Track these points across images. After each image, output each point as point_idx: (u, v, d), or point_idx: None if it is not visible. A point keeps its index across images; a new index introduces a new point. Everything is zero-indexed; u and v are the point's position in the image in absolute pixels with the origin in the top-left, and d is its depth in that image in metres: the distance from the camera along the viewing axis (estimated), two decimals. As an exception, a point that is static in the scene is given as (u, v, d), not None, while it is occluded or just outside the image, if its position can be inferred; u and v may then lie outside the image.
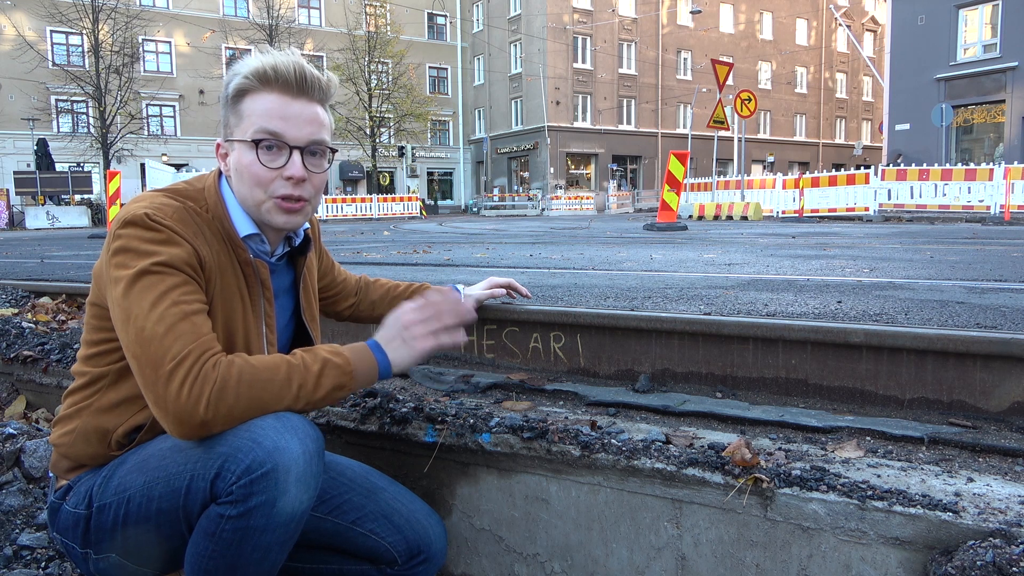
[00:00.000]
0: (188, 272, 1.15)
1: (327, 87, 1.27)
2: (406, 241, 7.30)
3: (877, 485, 1.15)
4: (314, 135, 1.24)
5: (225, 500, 1.07)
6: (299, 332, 1.46)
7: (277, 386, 1.11)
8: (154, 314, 1.08)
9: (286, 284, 1.42)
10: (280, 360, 1.14)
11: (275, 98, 1.21)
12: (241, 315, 1.26)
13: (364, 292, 1.74)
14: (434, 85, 40.70)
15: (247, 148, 1.21)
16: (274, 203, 1.24)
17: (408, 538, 1.37)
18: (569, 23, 35.79)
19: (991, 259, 3.66)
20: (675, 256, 4.37)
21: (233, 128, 1.24)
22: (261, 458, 1.06)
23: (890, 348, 1.50)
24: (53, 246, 8.17)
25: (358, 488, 1.41)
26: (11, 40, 28.53)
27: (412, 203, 25.77)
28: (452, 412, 1.58)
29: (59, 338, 2.49)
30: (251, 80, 1.21)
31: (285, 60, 1.21)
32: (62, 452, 1.26)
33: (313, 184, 1.27)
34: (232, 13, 34.18)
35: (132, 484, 1.16)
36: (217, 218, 1.24)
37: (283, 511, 1.07)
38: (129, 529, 1.15)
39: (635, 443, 1.38)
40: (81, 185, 25.77)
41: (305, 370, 1.14)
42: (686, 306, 2.13)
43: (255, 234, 1.28)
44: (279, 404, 1.11)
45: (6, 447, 1.99)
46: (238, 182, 1.25)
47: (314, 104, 1.25)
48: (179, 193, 1.24)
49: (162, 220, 1.15)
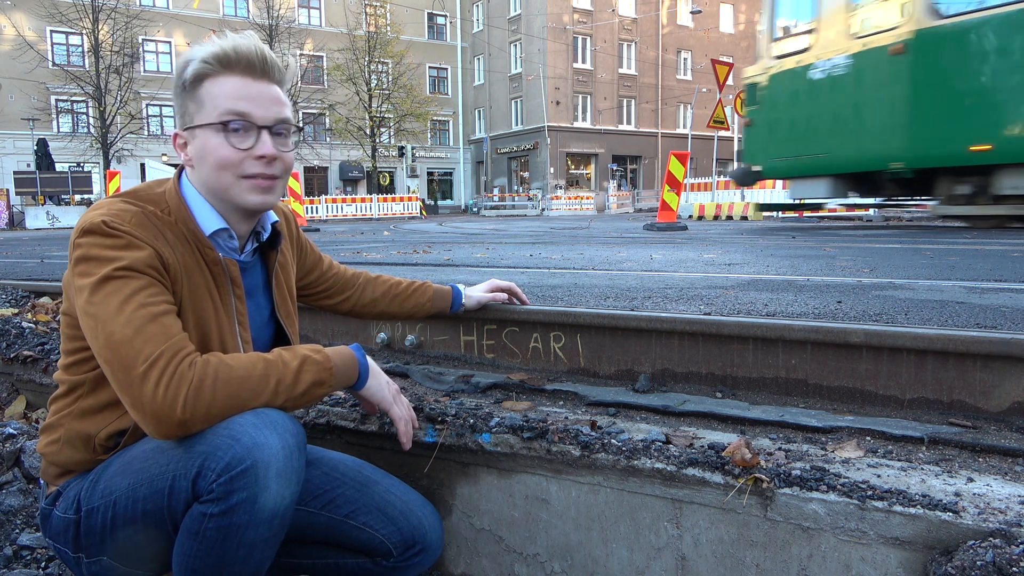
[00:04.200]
0: (152, 274, 1.14)
1: (285, 69, 1.27)
2: (406, 241, 7.30)
3: (877, 485, 1.15)
4: (280, 114, 1.24)
5: (207, 498, 1.07)
6: (279, 331, 1.45)
7: (255, 382, 1.11)
8: (121, 318, 1.07)
9: (260, 282, 1.41)
10: (257, 357, 1.14)
11: (238, 80, 1.20)
12: (213, 315, 1.25)
13: (363, 288, 1.74)
14: (434, 85, 40.71)
15: (214, 132, 1.20)
16: (247, 183, 1.23)
17: (403, 529, 1.37)
18: (569, 23, 35.79)
19: (991, 259, 3.66)
20: (675, 256, 4.37)
21: (193, 115, 1.22)
22: (240, 455, 1.06)
23: (890, 348, 1.50)
24: (53, 246, 8.17)
25: (351, 482, 1.41)
26: (11, 40, 28.53)
27: (412, 203, 25.76)
28: (452, 412, 1.58)
29: (59, 338, 2.49)
30: (211, 64, 1.19)
31: (246, 42, 1.20)
32: (50, 459, 1.27)
33: (284, 163, 1.26)
34: (232, 13, 34.20)
35: (117, 487, 1.16)
36: (181, 220, 1.23)
37: (265, 507, 1.07)
38: (117, 532, 1.16)
39: (635, 443, 1.38)
40: (81, 185, 25.75)
41: (284, 366, 1.14)
42: (686, 306, 2.13)
43: (222, 229, 1.27)
44: (257, 400, 1.11)
45: (6, 447, 1.99)
46: (203, 169, 1.23)
47: (274, 85, 1.25)
48: (137, 197, 1.23)
49: (119, 226, 1.13)
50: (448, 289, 1.85)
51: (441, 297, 1.82)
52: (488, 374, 1.94)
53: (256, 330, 1.38)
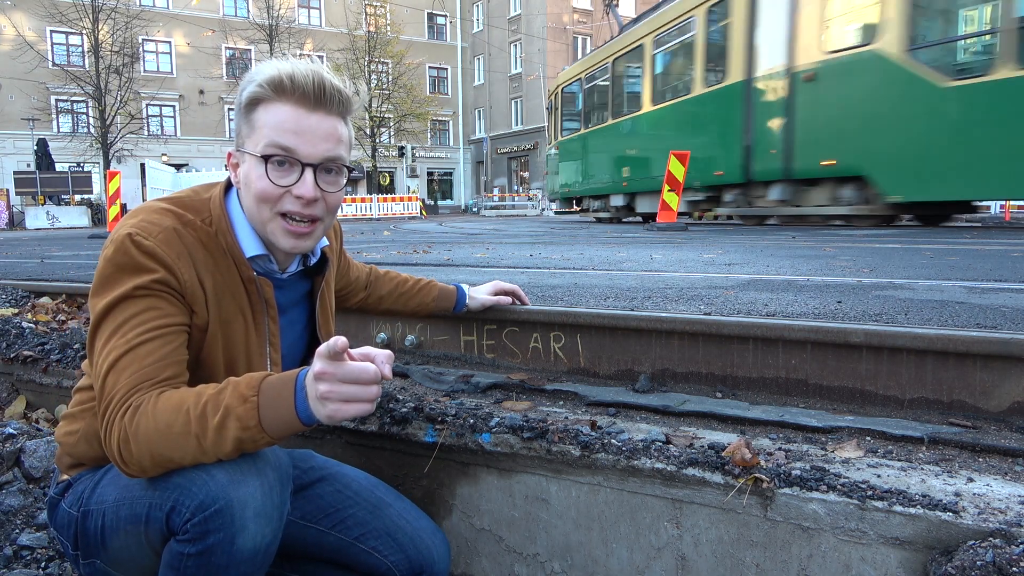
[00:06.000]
0: (157, 291, 1.09)
1: (348, 100, 1.18)
2: (406, 241, 7.30)
3: (877, 485, 1.15)
4: (330, 152, 1.15)
5: (182, 538, 1.04)
6: (312, 345, 1.41)
7: (175, 440, 1.00)
8: (105, 350, 1.06)
9: (297, 296, 1.36)
10: (183, 407, 1.00)
11: (290, 110, 1.12)
12: (243, 335, 1.21)
13: (373, 286, 1.74)
14: (434, 85, 40.71)
15: (257, 162, 1.14)
16: (282, 224, 1.16)
17: (411, 557, 1.35)
18: (569, 23, 35.78)
19: (991, 259, 3.66)
20: (675, 256, 4.37)
21: (244, 138, 1.16)
22: (214, 493, 1.01)
23: (890, 348, 1.50)
24: (53, 246, 8.17)
25: (363, 502, 1.39)
26: (11, 40, 28.54)
27: (412, 203, 25.76)
28: (452, 412, 1.58)
29: (59, 338, 2.49)
30: (265, 89, 1.12)
31: (304, 69, 1.12)
32: (65, 449, 1.25)
33: (327, 204, 1.19)
34: (232, 13, 34.18)
35: (107, 498, 1.15)
36: (221, 232, 1.18)
37: (244, 548, 1.03)
38: (106, 541, 1.15)
39: (635, 443, 1.37)
40: (81, 185, 25.75)
41: (203, 421, 0.99)
42: (686, 306, 2.13)
43: (262, 255, 1.22)
44: (185, 459, 1.01)
45: (6, 447, 1.99)
46: (246, 196, 1.18)
47: (332, 118, 1.16)
48: (180, 204, 1.18)
49: (143, 241, 1.09)
50: (452, 289, 1.85)
51: (445, 297, 1.83)
52: (488, 374, 1.94)
53: (287, 347, 1.34)
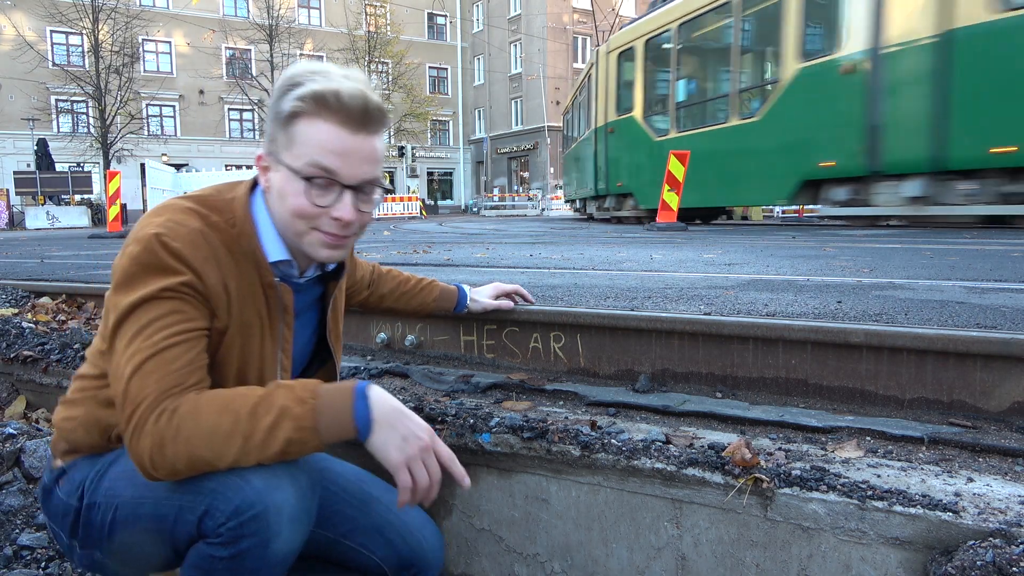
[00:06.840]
0: (183, 293, 1.08)
1: (387, 118, 1.16)
2: (406, 241, 7.30)
3: (877, 485, 1.15)
4: (368, 174, 1.14)
5: (215, 541, 1.03)
6: (319, 349, 1.41)
7: (219, 441, 1.01)
8: (128, 351, 1.04)
9: (310, 301, 1.36)
10: (231, 407, 1.02)
11: (333, 130, 1.09)
12: (259, 339, 1.20)
13: (375, 285, 1.75)
14: (434, 85, 40.72)
15: (295, 177, 1.11)
16: (319, 236, 1.16)
17: (400, 552, 1.35)
18: (569, 23, 35.80)
19: (991, 259, 3.66)
20: (675, 256, 4.37)
21: (281, 148, 1.13)
22: (251, 498, 1.01)
23: (890, 348, 1.50)
24: (53, 246, 8.17)
25: (351, 499, 1.38)
26: (11, 40, 28.54)
27: (412, 203, 25.77)
28: (452, 412, 1.58)
29: (59, 338, 2.49)
30: (308, 104, 1.09)
31: (351, 88, 1.08)
32: (63, 435, 1.24)
33: (361, 221, 1.19)
34: (232, 13, 34.18)
35: (121, 493, 1.13)
36: (244, 235, 1.17)
37: (277, 553, 1.03)
38: (115, 535, 1.14)
39: (635, 443, 1.37)
40: (81, 185, 25.75)
41: (255, 421, 1.01)
42: (686, 306, 2.13)
43: (285, 261, 1.21)
44: (222, 461, 1.02)
45: (6, 447, 1.99)
46: (279, 206, 1.16)
47: (373, 138, 1.14)
48: (205, 203, 1.16)
49: (170, 243, 1.08)
50: (454, 289, 1.86)
51: (446, 297, 1.83)
52: (488, 374, 1.94)
53: (296, 352, 1.34)
